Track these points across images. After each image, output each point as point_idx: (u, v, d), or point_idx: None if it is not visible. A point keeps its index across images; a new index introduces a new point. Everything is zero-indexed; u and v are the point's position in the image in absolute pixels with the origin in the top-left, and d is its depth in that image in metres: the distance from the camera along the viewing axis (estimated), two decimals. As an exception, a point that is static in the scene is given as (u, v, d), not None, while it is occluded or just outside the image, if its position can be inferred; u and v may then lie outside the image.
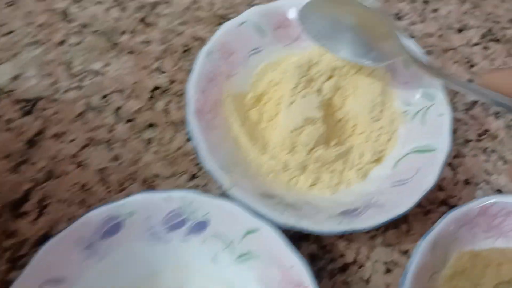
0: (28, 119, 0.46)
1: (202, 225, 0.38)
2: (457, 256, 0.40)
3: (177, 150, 0.46)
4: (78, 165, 0.44)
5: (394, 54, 0.42)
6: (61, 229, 0.35)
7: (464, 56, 0.55)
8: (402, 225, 0.44)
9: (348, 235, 0.44)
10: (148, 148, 0.46)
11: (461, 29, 0.57)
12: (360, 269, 0.43)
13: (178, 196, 0.37)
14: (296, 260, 0.36)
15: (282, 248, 0.36)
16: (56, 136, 0.45)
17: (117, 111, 0.47)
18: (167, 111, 0.48)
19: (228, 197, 0.39)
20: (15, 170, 0.43)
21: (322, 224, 0.38)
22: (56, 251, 0.35)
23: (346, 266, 0.43)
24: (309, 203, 0.41)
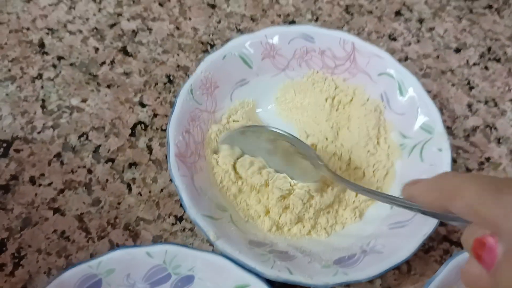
0: (3, 162, 0.43)
1: (188, 280, 0.36)
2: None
3: (161, 191, 0.43)
4: (56, 210, 0.42)
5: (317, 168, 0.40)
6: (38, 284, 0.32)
7: (463, 78, 0.53)
8: (402, 266, 0.42)
9: (345, 279, 0.41)
10: (130, 190, 0.43)
11: (459, 49, 0.55)
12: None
13: (159, 251, 0.35)
14: (288, 319, 0.33)
15: (273, 305, 0.34)
16: (32, 180, 0.43)
17: (96, 150, 0.44)
18: (149, 149, 0.45)
19: (215, 248, 0.36)
20: (-12, 219, 0.41)
21: (316, 276, 0.35)
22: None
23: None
24: (302, 250, 0.39)
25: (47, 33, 0.50)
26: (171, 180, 0.42)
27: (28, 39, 0.50)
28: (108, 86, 0.48)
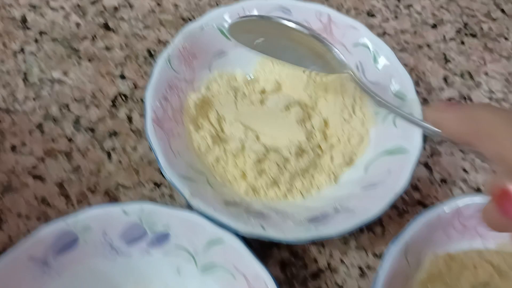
0: (-16, 132, 0.44)
1: (163, 237, 0.36)
2: (431, 259, 0.38)
3: (141, 158, 0.44)
4: (36, 177, 0.42)
5: (339, 69, 0.40)
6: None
7: (439, 52, 0.54)
8: (376, 228, 0.43)
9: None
10: (110, 158, 0.44)
11: (435, 25, 0.56)
12: (333, 275, 0.41)
13: (135, 209, 0.36)
14: (260, 270, 0.34)
15: (246, 259, 0.34)
16: (13, 148, 0.43)
17: (77, 120, 0.45)
18: (130, 119, 0.46)
19: (191, 207, 0.37)
20: (-30, 185, 0.41)
21: (289, 232, 0.36)
22: (9, 269, 0.33)
23: (319, 271, 0.41)
24: (277, 210, 0.40)
25: (30, 10, 0.51)
26: (151, 149, 0.43)
27: (11, 16, 0.51)
28: (90, 60, 0.49)
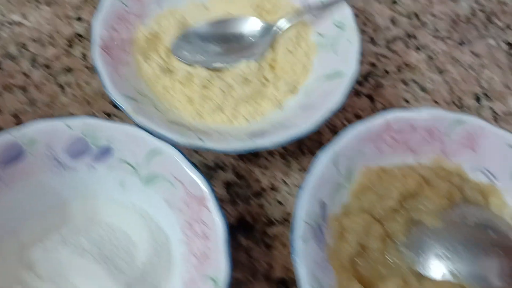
0: None
1: (107, 151, 0.38)
2: (364, 171, 0.40)
3: (94, 92, 0.46)
4: (-7, 110, 0.44)
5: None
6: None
7: (387, -5, 0.56)
8: (317, 151, 0.45)
9: (264, 162, 0.44)
10: (64, 91, 0.46)
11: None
12: (275, 193, 0.43)
13: (78, 123, 0.37)
14: (196, 177, 0.36)
15: (183, 166, 0.36)
16: (-28, 84, 0.46)
17: (34, 58, 0.47)
18: (85, 57, 0.48)
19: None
20: None
21: (227, 143, 0.38)
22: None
23: (262, 191, 0.43)
24: (220, 132, 0.42)
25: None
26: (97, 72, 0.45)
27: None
28: (48, 4, 0.51)
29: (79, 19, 0.50)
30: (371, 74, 0.50)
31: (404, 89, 0.49)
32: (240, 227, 0.41)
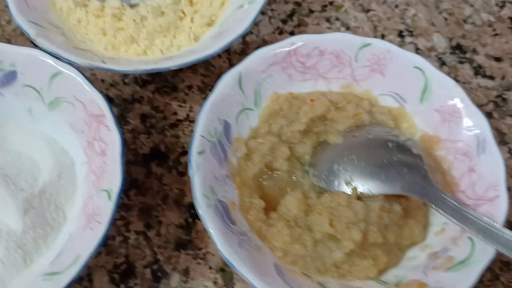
0: None
1: (11, 75, 0.38)
2: (272, 96, 0.41)
3: (14, 30, 0.46)
4: None
5: None
6: None
7: None
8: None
9: (182, 96, 0.45)
10: (-17, 29, 0.46)
11: None
12: (191, 125, 0.43)
13: (-19, 44, 0.38)
14: (94, 95, 0.36)
15: (83, 87, 0.37)
16: None
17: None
18: None
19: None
20: None
21: (129, 65, 0.38)
22: None
23: (178, 122, 0.43)
24: (130, 60, 0.42)
25: None
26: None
27: None
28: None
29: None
30: (296, 12, 0.50)
31: (328, 27, 0.49)
32: (154, 156, 0.42)
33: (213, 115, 0.37)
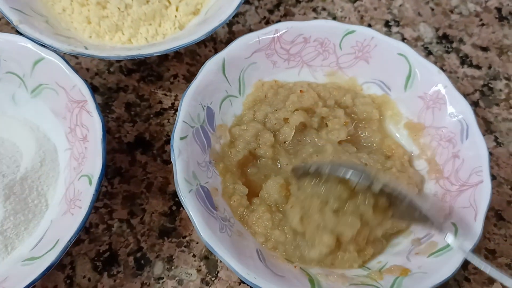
0: None
1: (-7, 62, 0.38)
2: (257, 85, 0.41)
3: (0, 20, 0.46)
4: None
5: None
6: None
7: None
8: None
9: (168, 85, 0.44)
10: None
11: None
12: (176, 113, 0.43)
13: (-38, 33, 0.37)
14: (76, 81, 0.36)
15: (65, 73, 0.36)
16: None
17: None
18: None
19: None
20: None
21: (112, 51, 0.38)
22: None
23: (163, 111, 0.43)
24: (114, 47, 0.42)
25: None
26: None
27: None
28: None
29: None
30: (282, 2, 0.50)
31: (314, 16, 0.49)
32: (138, 144, 0.41)
33: (196, 101, 0.36)
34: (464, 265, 0.33)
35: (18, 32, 0.38)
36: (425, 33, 0.49)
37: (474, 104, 0.45)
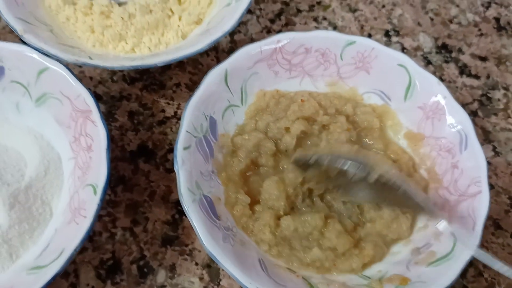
0: None
1: (-1, 71, 0.39)
2: (259, 94, 0.41)
3: (4, 28, 0.46)
4: None
5: None
6: None
7: None
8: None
9: (170, 94, 0.45)
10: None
11: None
12: (179, 122, 0.43)
13: (-33, 42, 0.38)
14: (81, 90, 0.36)
15: (69, 83, 0.37)
16: None
17: None
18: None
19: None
20: None
21: (115, 61, 0.39)
22: None
23: (166, 119, 0.44)
24: (117, 56, 0.42)
25: None
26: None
27: None
28: None
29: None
30: (284, 12, 0.51)
31: (315, 26, 0.50)
32: (141, 153, 0.42)
33: (199, 111, 0.37)
34: (463, 273, 0.33)
35: (22, 41, 0.39)
36: (425, 43, 0.50)
37: (473, 114, 0.46)
